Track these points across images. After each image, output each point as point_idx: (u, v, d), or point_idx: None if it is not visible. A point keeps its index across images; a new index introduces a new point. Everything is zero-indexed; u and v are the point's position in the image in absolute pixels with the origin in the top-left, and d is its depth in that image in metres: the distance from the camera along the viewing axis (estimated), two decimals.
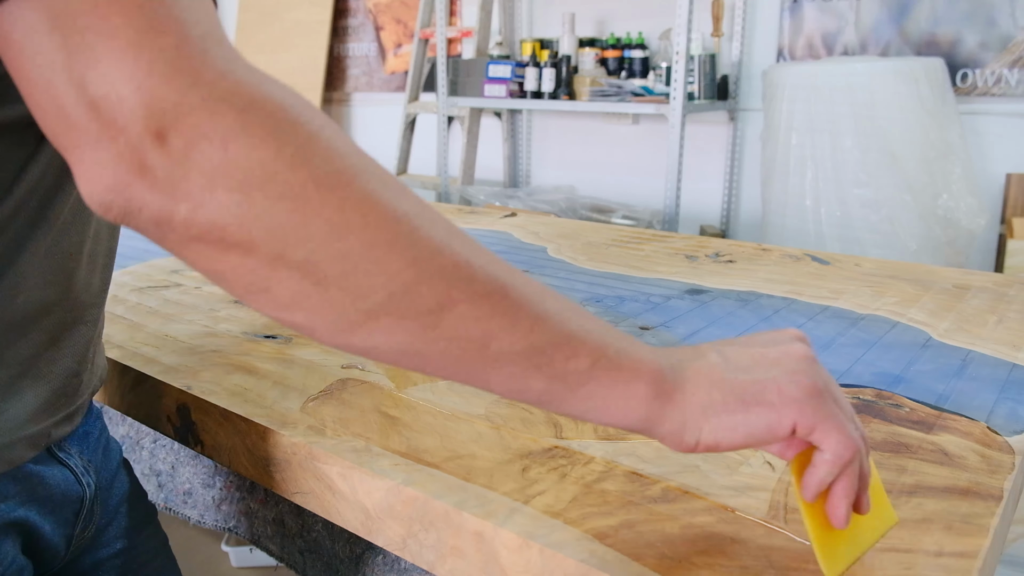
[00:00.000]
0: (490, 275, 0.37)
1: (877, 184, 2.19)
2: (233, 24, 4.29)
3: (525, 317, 0.37)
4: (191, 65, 0.31)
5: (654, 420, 0.40)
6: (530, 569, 0.46)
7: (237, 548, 1.72)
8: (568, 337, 0.38)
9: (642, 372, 0.39)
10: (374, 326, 0.35)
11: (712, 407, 0.40)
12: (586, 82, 2.78)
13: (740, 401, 0.40)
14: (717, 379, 0.40)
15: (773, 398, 0.39)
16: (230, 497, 0.88)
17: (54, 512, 0.56)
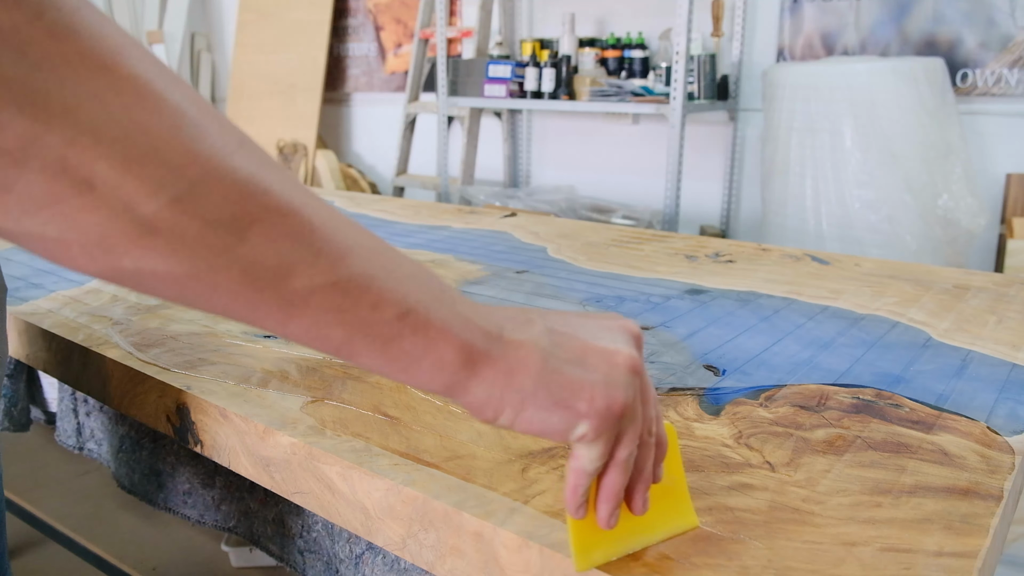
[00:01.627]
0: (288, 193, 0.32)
1: (877, 184, 2.19)
2: (233, 24, 4.29)
3: (328, 249, 0.32)
4: None
5: (457, 390, 0.37)
6: (530, 569, 0.46)
7: (237, 548, 1.72)
8: (374, 280, 0.33)
9: (451, 336, 0.35)
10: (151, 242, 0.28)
11: (523, 396, 0.37)
12: (586, 82, 2.78)
13: (551, 399, 0.37)
14: (538, 366, 0.37)
15: (582, 407, 0.38)
16: (230, 497, 0.88)
17: None
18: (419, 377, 0.36)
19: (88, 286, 1.01)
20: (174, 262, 0.29)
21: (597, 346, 0.40)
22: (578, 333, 0.40)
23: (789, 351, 0.79)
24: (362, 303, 0.33)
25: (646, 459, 0.42)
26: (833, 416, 0.64)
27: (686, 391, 0.69)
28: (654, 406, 0.42)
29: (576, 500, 0.41)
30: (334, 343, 0.34)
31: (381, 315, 0.33)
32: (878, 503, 0.50)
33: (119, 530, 1.88)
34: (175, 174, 0.28)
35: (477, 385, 0.37)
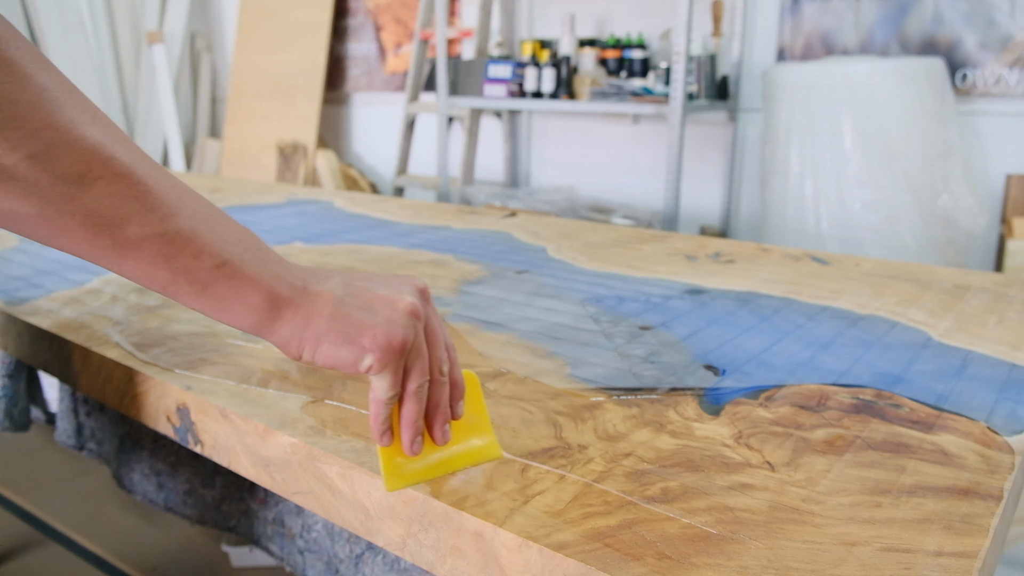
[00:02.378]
0: (130, 160, 0.40)
1: (877, 184, 2.19)
2: (233, 24, 4.29)
3: (159, 207, 0.40)
4: None
5: (264, 329, 0.45)
6: (530, 569, 0.46)
7: (237, 548, 1.72)
8: (197, 235, 0.41)
9: (260, 285, 0.44)
10: (11, 186, 0.36)
11: (319, 334, 0.45)
12: (586, 82, 2.78)
13: (341, 336, 0.46)
14: (330, 311, 0.46)
15: (366, 342, 0.46)
16: (230, 497, 0.88)
17: None
18: (231, 317, 0.44)
19: (88, 286, 1.01)
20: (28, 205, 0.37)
21: (383, 295, 0.48)
22: (368, 286, 0.48)
23: (789, 351, 0.79)
24: (185, 252, 0.41)
25: (439, 395, 0.51)
26: (833, 416, 0.64)
27: (686, 391, 0.69)
28: (443, 349, 0.50)
29: (378, 427, 0.49)
30: (160, 283, 0.42)
31: (201, 263, 0.42)
32: (878, 503, 0.50)
33: (119, 530, 1.88)
34: (34, 136, 0.36)
35: (282, 326, 0.45)
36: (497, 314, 0.91)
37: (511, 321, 0.88)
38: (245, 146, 4.00)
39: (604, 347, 0.80)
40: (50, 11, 3.77)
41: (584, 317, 0.90)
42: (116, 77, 4.15)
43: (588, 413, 0.64)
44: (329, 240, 1.32)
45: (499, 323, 0.87)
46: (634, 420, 0.63)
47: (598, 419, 0.63)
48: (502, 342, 0.81)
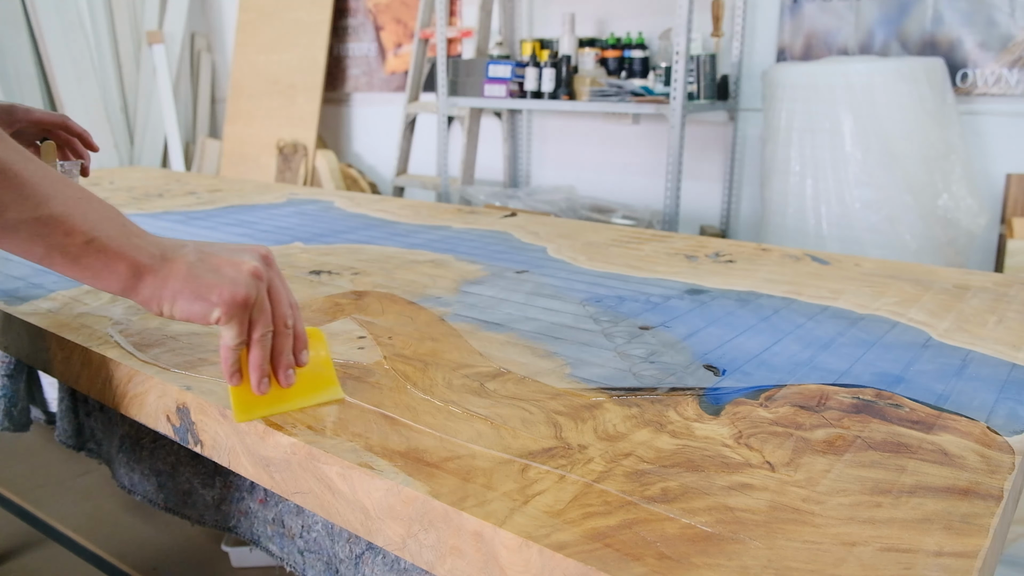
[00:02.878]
0: (5, 155, 0.48)
1: (877, 184, 2.19)
2: (233, 24, 4.29)
3: (33, 196, 0.49)
4: None
5: (129, 291, 0.55)
6: (530, 569, 0.46)
7: (237, 548, 1.72)
8: (68, 218, 0.50)
9: (124, 256, 0.53)
10: None
11: (175, 293, 0.55)
12: (586, 82, 2.78)
13: (193, 294, 0.55)
14: (184, 273, 0.55)
15: (214, 298, 0.55)
16: (230, 497, 0.88)
17: None
18: (102, 283, 0.54)
19: (88, 286, 1.01)
20: None
21: (229, 259, 0.57)
22: (217, 251, 0.58)
23: (789, 351, 0.79)
24: (57, 232, 0.50)
25: (283, 344, 0.60)
26: (833, 416, 0.64)
27: (686, 391, 0.69)
28: (287, 306, 0.59)
29: (227, 369, 0.58)
30: (37, 256, 0.51)
31: (72, 240, 0.51)
32: (878, 503, 0.50)
33: (119, 530, 1.88)
34: None
35: (144, 288, 0.55)
36: (497, 314, 0.91)
37: (511, 321, 0.88)
38: (245, 146, 4.00)
39: (604, 347, 0.80)
40: (50, 11, 3.77)
41: (584, 317, 0.90)
42: (116, 77, 4.15)
43: (588, 413, 0.64)
44: (329, 240, 1.31)
45: (499, 323, 0.87)
46: (634, 420, 0.63)
47: (598, 419, 0.63)
48: (502, 342, 0.81)
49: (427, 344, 0.80)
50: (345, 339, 0.81)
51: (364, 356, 0.76)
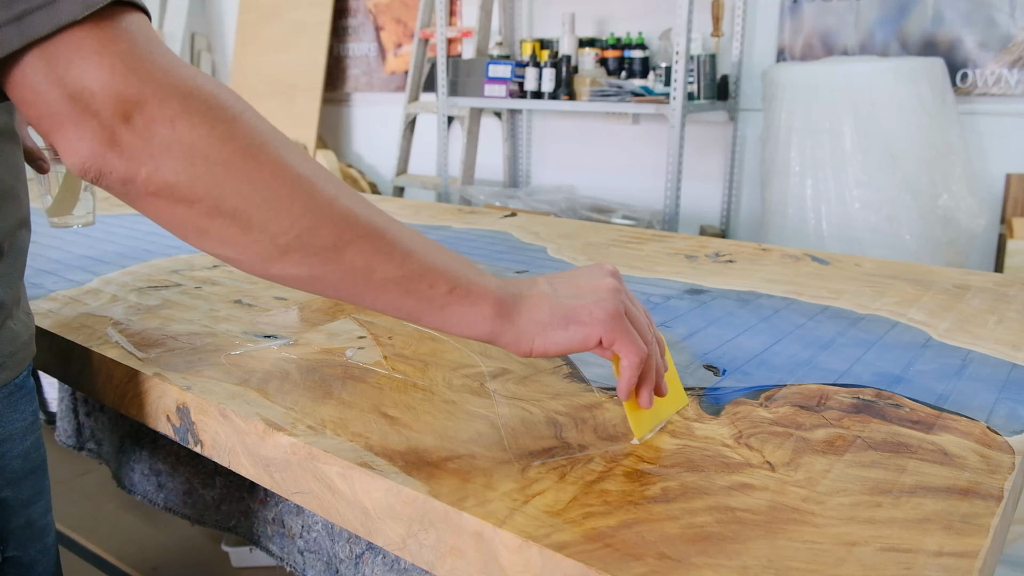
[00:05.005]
0: (372, 221, 0.49)
1: (877, 184, 2.19)
2: (233, 24, 4.29)
3: (399, 253, 0.49)
4: (141, 65, 0.43)
5: (497, 334, 0.53)
6: (530, 569, 0.46)
7: (237, 548, 1.72)
8: (431, 269, 0.50)
9: (488, 297, 0.52)
10: (287, 259, 0.47)
11: (542, 325, 0.53)
12: (586, 82, 2.78)
13: (563, 320, 0.53)
14: (548, 306, 0.54)
15: (585, 319, 0.53)
16: (230, 497, 0.88)
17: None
18: (469, 329, 0.52)
19: (88, 286, 1.01)
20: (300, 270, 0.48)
21: (584, 282, 0.56)
22: (570, 277, 0.57)
23: (789, 351, 0.79)
24: (422, 284, 0.50)
25: (656, 354, 0.57)
26: (833, 416, 0.64)
27: (686, 391, 0.69)
28: (645, 315, 0.58)
29: (629, 389, 0.56)
30: (406, 311, 0.51)
31: (437, 290, 0.50)
32: (878, 503, 0.50)
33: (119, 530, 1.88)
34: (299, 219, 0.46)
35: (510, 328, 0.53)
36: None
37: None
38: None
39: None
40: None
41: None
42: None
43: (588, 413, 0.64)
44: None
45: None
46: None
47: (598, 419, 0.63)
48: None
49: (427, 344, 0.80)
50: (345, 339, 0.81)
51: (364, 356, 0.76)
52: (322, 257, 0.47)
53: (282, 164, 0.46)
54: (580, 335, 0.53)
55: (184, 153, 0.43)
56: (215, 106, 0.44)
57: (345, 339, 0.81)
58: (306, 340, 0.81)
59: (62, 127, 0.42)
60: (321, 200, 0.47)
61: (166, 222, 0.46)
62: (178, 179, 0.44)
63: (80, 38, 0.41)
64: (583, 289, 0.55)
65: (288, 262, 0.47)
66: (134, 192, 0.44)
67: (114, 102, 0.42)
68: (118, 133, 0.42)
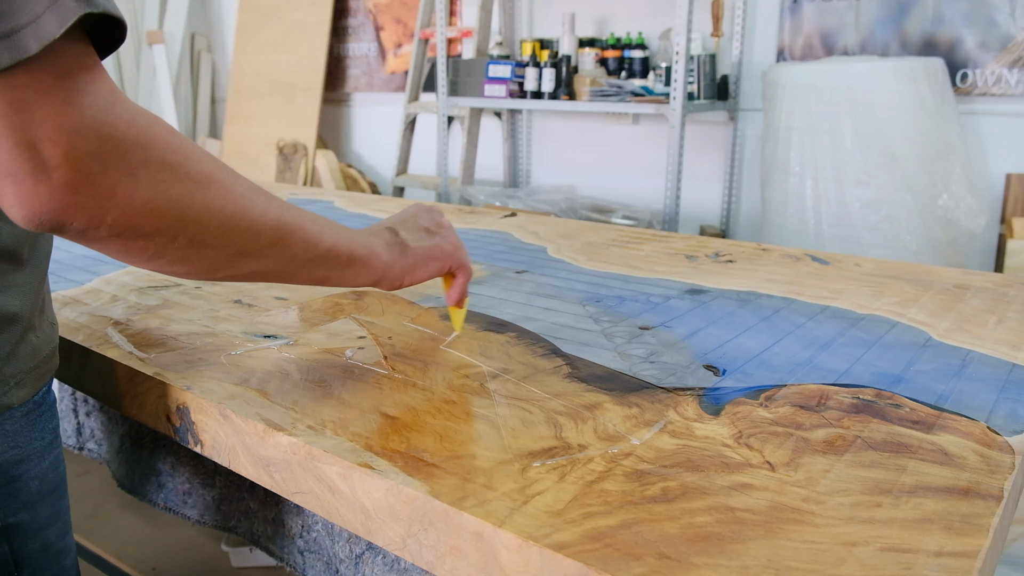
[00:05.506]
0: (295, 220, 0.58)
1: (877, 184, 2.19)
2: (233, 24, 4.29)
3: (312, 239, 0.60)
4: (105, 119, 0.43)
5: (380, 280, 0.69)
6: (530, 569, 0.46)
7: (237, 548, 1.72)
8: (335, 245, 0.62)
9: (373, 259, 0.67)
10: (234, 263, 0.55)
11: (409, 267, 0.71)
12: (586, 82, 2.78)
13: (423, 259, 0.72)
14: (411, 252, 0.71)
15: (439, 255, 0.73)
16: (230, 497, 0.88)
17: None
18: (361, 282, 0.68)
19: (88, 286, 1.01)
20: (243, 269, 0.56)
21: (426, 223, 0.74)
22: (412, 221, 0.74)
23: (789, 351, 0.79)
24: (329, 257, 0.62)
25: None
26: (833, 416, 0.64)
27: (686, 391, 0.69)
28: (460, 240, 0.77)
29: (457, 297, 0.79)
30: (319, 279, 0.63)
31: (339, 260, 0.63)
32: (878, 503, 0.50)
33: (119, 530, 1.88)
34: (244, 235, 0.54)
35: (387, 276, 0.69)
36: (497, 314, 0.91)
37: (511, 321, 0.88)
38: (245, 146, 4.00)
39: (604, 347, 0.80)
40: None
41: (584, 317, 0.90)
42: (116, 77, 4.15)
43: (588, 413, 0.64)
44: None
45: (499, 323, 0.87)
46: (634, 420, 0.63)
47: (598, 419, 0.63)
48: (502, 342, 0.81)
49: (427, 344, 0.80)
50: (345, 339, 0.81)
51: (364, 356, 0.76)
52: (260, 255, 0.56)
53: (227, 189, 0.52)
54: (437, 267, 0.73)
55: (148, 198, 0.46)
56: (171, 150, 0.47)
57: (345, 339, 0.81)
58: (306, 340, 0.81)
59: (14, 176, 0.41)
60: (258, 211, 0.54)
61: (119, 254, 0.49)
62: (143, 220, 0.46)
63: (44, 82, 0.40)
64: (427, 232, 0.73)
65: (233, 265, 0.55)
66: (93, 236, 0.46)
67: (77, 156, 0.41)
68: (80, 187, 0.42)
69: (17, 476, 0.61)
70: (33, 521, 0.64)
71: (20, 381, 0.60)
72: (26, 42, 0.39)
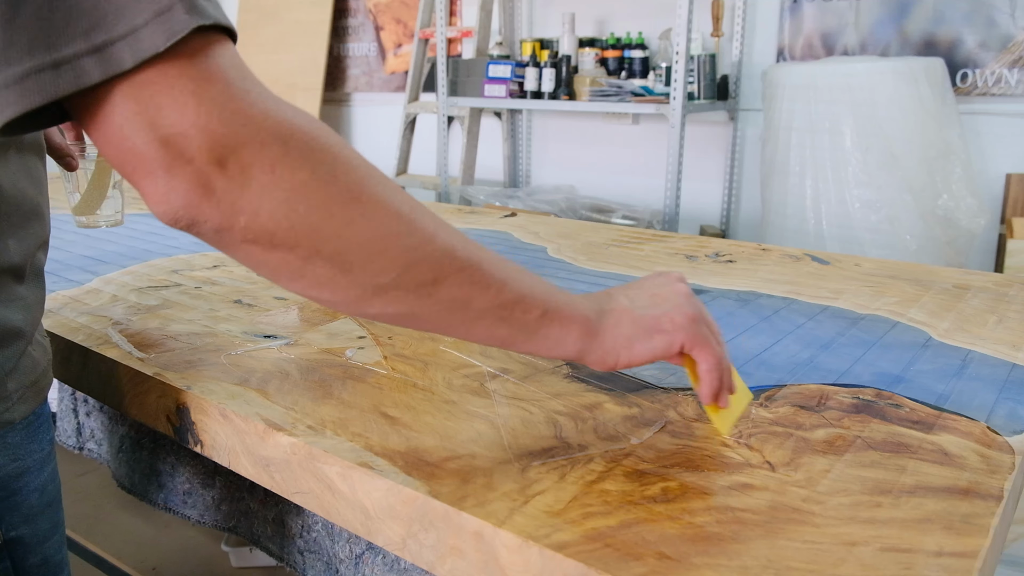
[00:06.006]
0: (468, 254, 0.48)
1: (877, 184, 2.18)
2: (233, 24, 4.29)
3: (493, 284, 0.49)
4: (239, 107, 0.40)
5: (585, 352, 0.54)
6: (530, 569, 0.46)
7: (237, 548, 1.72)
8: (524, 296, 0.51)
9: (576, 318, 0.53)
10: (386, 297, 0.46)
11: (626, 338, 0.54)
12: (586, 82, 2.78)
13: (645, 331, 0.55)
14: (629, 318, 0.55)
15: (668, 327, 0.55)
16: (230, 497, 0.88)
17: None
18: (560, 350, 0.53)
19: (88, 286, 1.01)
20: (398, 307, 0.47)
21: (659, 291, 0.58)
22: (645, 288, 0.58)
23: (789, 351, 0.79)
24: (516, 311, 0.50)
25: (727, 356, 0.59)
26: (833, 416, 0.64)
27: (686, 391, 0.69)
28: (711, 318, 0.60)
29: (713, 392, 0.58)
30: (499, 338, 0.51)
31: (529, 316, 0.51)
32: (878, 503, 0.50)
33: (119, 530, 1.88)
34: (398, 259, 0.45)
35: (597, 346, 0.54)
36: None
37: None
38: None
39: None
40: None
41: None
42: None
43: (588, 413, 0.64)
44: None
45: None
46: (634, 420, 0.63)
47: (598, 419, 0.63)
48: None
49: (427, 344, 0.80)
50: (345, 339, 0.81)
51: (364, 356, 0.76)
52: (420, 293, 0.47)
53: (382, 204, 0.45)
54: (663, 343, 0.55)
55: (284, 199, 0.41)
56: (316, 148, 0.42)
57: (345, 339, 0.81)
58: (306, 340, 0.81)
59: (152, 174, 0.40)
60: (420, 238, 0.46)
61: (259, 266, 0.44)
62: (278, 226, 0.41)
63: (169, 75, 0.39)
64: (659, 298, 0.57)
65: (386, 300, 0.46)
66: (228, 240, 0.42)
67: (209, 148, 0.39)
68: (213, 181, 0.40)
69: (18, 489, 0.61)
70: (34, 535, 0.63)
71: (23, 396, 0.60)
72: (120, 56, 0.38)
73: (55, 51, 0.37)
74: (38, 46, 0.37)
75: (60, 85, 0.38)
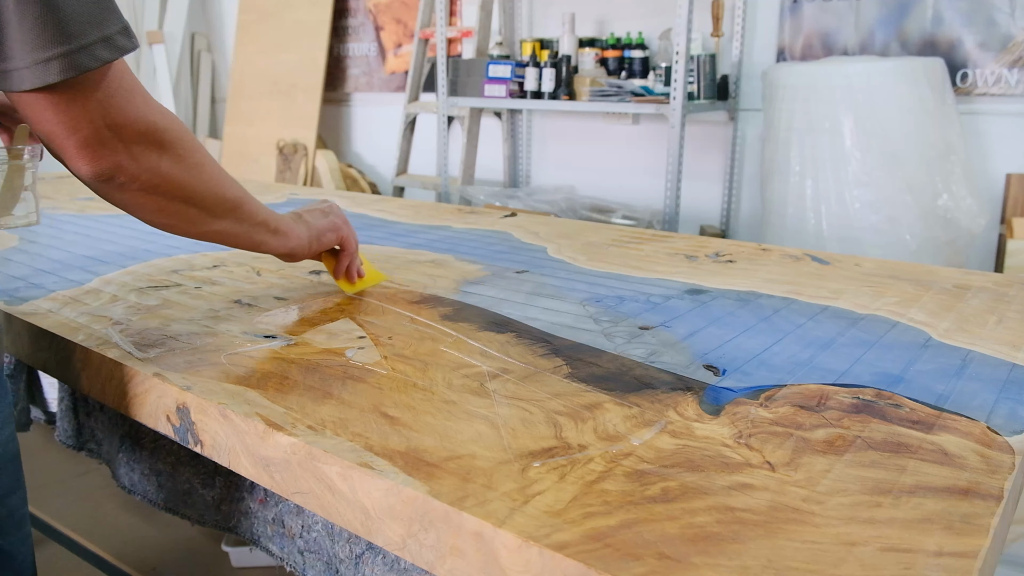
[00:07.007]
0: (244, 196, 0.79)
1: (877, 184, 2.18)
2: (233, 24, 4.29)
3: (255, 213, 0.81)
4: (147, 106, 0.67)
5: (295, 250, 0.89)
6: (530, 569, 0.46)
7: (237, 548, 1.72)
8: (268, 217, 0.83)
9: (292, 229, 0.87)
10: (212, 221, 0.76)
11: (315, 237, 0.91)
12: (586, 82, 2.77)
13: (324, 231, 0.92)
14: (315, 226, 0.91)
15: (338, 224, 0.94)
16: (230, 497, 0.88)
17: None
18: (283, 249, 0.87)
19: (88, 286, 1.01)
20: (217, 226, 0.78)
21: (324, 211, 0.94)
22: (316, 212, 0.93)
23: (789, 351, 0.79)
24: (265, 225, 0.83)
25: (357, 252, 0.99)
26: (833, 416, 0.64)
27: (686, 391, 0.69)
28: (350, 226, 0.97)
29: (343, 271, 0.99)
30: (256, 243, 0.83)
31: (269, 228, 0.84)
32: (878, 503, 0.50)
33: (119, 530, 1.88)
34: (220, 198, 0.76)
35: (299, 248, 0.89)
36: (497, 314, 0.91)
37: (511, 321, 0.88)
38: (245, 146, 4.00)
39: (604, 347, 0.80)
40: None
41: (584, 317, 0.90)
42: None
43: (588, 413, 0.64)
44: None
45: (499, 323, 0.87)
46: (634, 420, 0.63)
47: (598, 419, 0.63)
48: (502, 342, 0.81)
49: (427, 344, 0.80)
50: (345, 339, 0.81)
51: (364, 356, 0.76)
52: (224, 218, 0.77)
53: (211, 170, 0.74)
54: (333, 237, 0.93)
55: (168, 168, 0.69)
56: (183, 140, 0.70)
57: (345, 339, 0.81)
58: (306, 340, 0.81)
59: (98, 145, 0.63)
60: (226, 184, 0.76)
61: (137, 207, 0.70)
62: (162, 182, 0.69)
63: (122, 76, 0.62)
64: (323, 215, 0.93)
65: (211, 223, 0.76)
66: (128, 188, 0.67)
67: (137, 132, 0.65)
68: (131, 155, 0.65)
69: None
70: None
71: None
72: (81, 61, 0.59)
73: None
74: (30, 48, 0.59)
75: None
